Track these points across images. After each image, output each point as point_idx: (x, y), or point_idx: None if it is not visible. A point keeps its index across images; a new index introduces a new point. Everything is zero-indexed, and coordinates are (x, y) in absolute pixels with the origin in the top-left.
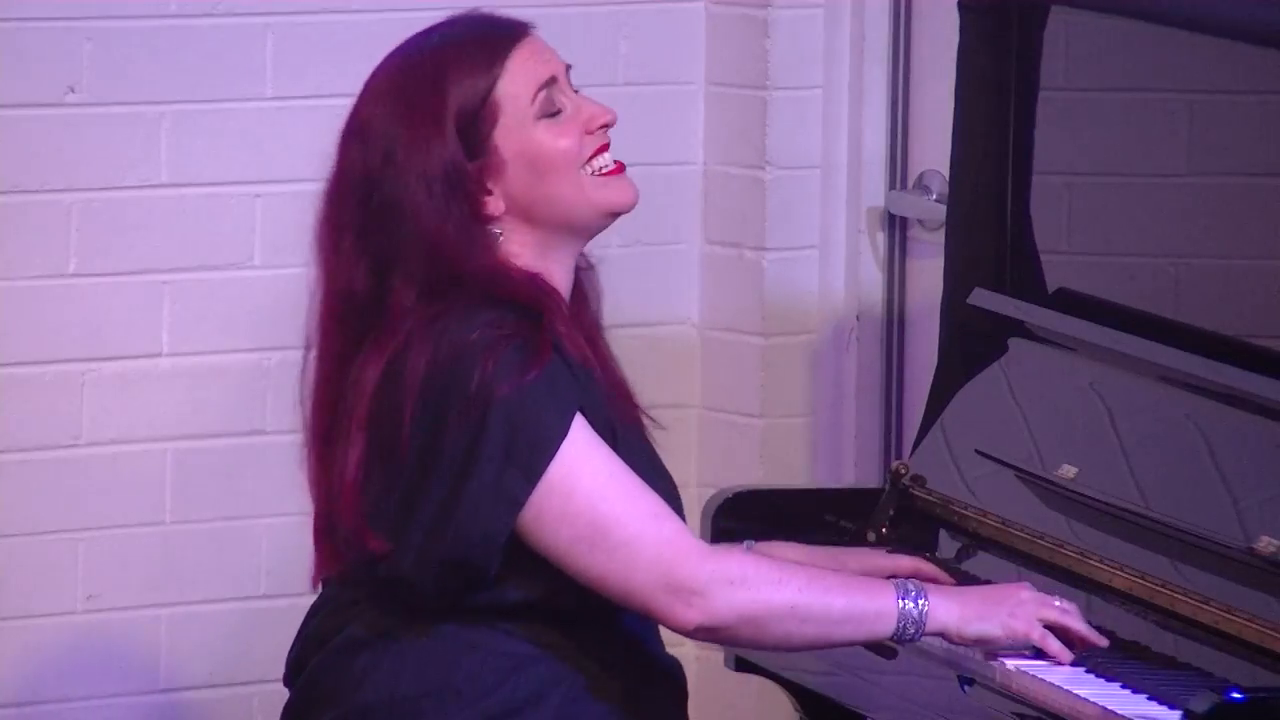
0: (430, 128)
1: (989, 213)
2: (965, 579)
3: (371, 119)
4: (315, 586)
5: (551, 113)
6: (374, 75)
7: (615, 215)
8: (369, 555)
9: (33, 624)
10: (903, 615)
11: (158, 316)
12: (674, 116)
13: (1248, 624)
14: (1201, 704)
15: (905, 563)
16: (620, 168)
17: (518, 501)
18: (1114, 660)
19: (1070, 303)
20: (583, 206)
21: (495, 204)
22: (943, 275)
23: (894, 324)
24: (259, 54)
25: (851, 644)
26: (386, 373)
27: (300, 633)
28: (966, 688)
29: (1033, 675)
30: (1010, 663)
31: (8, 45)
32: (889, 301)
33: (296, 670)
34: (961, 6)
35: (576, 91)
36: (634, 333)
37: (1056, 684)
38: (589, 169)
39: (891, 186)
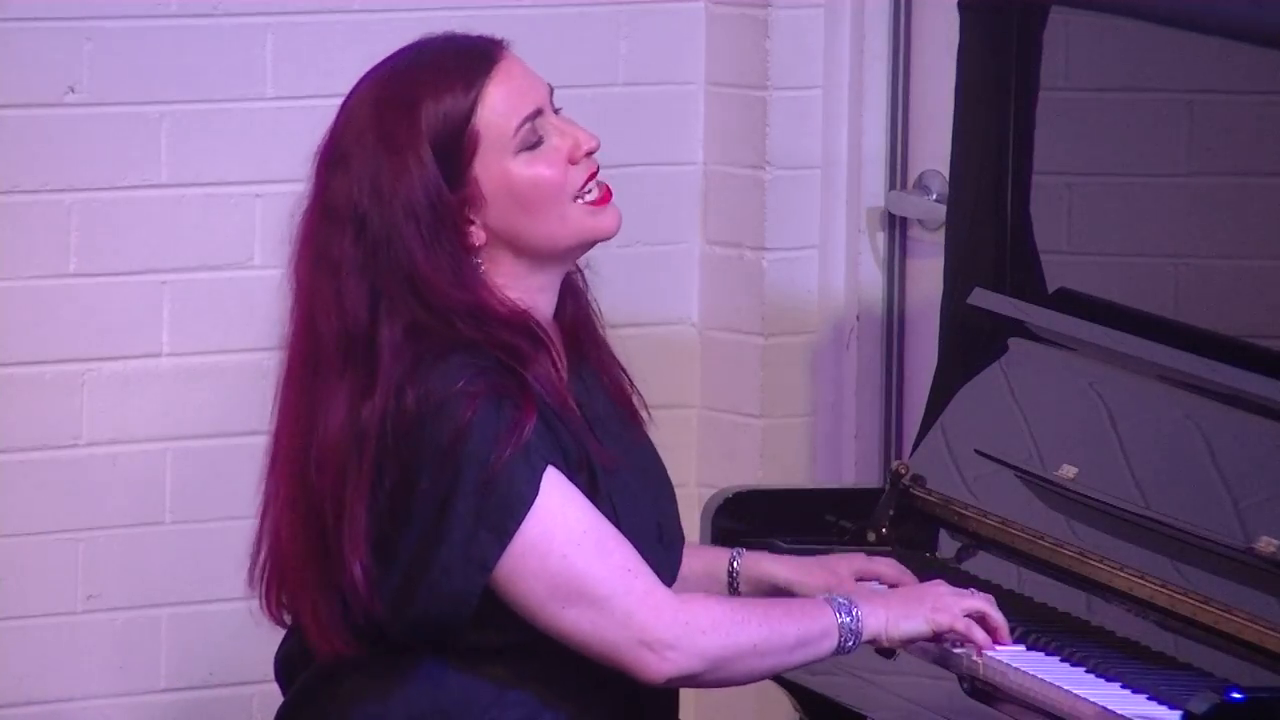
0: (409, 155)
1: (989, 213)
2: (966, 579)
3: (350, 148)
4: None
5: (532, 144)
6: (348, 100)
7: (597, 243)
8: (359, 601)
9: (33, 624)
10: (842, 629)
11: (158, 316)
12: (674, 116)
13: (1248, 624)
14: (1201, 704)
15: (884, 568)
16: (607, 195)
17: (487, 565)
18: (1114, 660)
19: (1070, 303)
20: (567, 237)
21: (478, 234)
22: (943, 275)
23: (894, 324)
24: (259, 54)
25: (801, 667)
26: (385, 413)
27: (293, 629)
28: (966, 688)
29: (1033, 675)
30: (1004, 658)
31: (8, 45)
32: (889, 301)
33: (285, 669)
34: (961, 6)
35: (558, 112)
36: (634, 333)
37: (1056, 684)
38: (578, 199)
39: (891, 186)
